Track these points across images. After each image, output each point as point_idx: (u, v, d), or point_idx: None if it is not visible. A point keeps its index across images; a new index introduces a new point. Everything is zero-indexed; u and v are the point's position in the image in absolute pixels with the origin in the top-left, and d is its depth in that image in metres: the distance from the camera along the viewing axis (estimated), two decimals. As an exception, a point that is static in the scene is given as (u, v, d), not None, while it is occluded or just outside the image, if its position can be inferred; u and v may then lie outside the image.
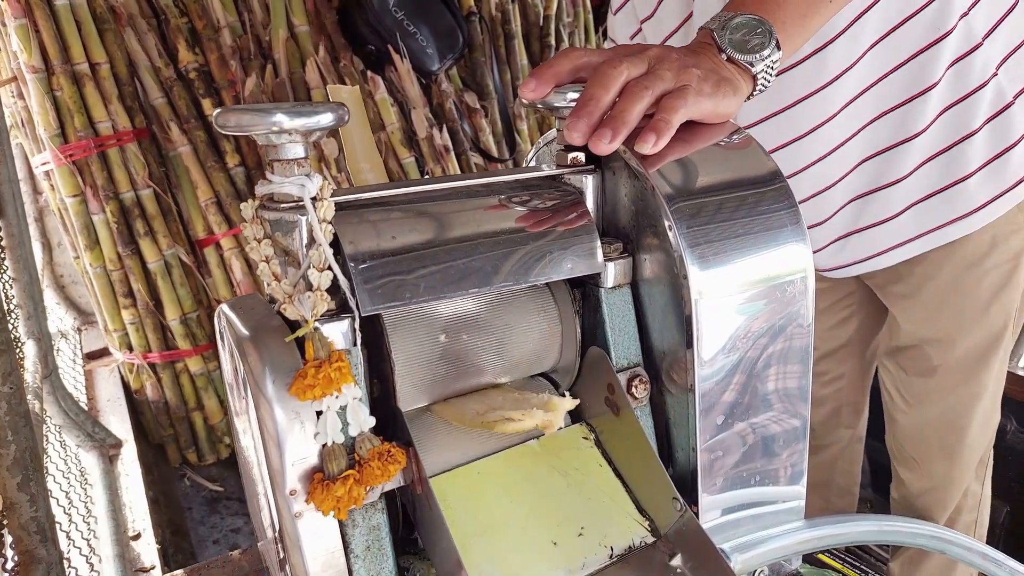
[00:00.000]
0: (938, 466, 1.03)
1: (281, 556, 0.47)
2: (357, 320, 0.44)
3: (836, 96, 0.85)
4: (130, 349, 1.80)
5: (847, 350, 1.12)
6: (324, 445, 0.43)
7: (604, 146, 0.50)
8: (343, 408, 0.43)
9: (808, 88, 0.85)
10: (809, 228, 0.95)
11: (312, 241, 0.44)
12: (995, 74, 0.84)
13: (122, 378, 1.87)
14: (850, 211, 0.92)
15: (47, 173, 1.71)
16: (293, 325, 0.44)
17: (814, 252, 0.97)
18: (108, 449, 1.56)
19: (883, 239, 0.93)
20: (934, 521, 1.06)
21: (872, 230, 0.92)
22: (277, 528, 0.46)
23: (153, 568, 1.23)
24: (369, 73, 1.84)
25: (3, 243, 1.37)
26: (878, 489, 1.63)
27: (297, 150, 0.44)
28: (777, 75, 0.85)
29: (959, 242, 0.91)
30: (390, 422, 0.48)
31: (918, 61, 0.83)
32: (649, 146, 0.50)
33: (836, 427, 1.18)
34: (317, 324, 0.43)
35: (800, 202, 0.92)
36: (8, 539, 0.76)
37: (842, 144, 0.88)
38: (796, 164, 0.90)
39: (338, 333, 0.44)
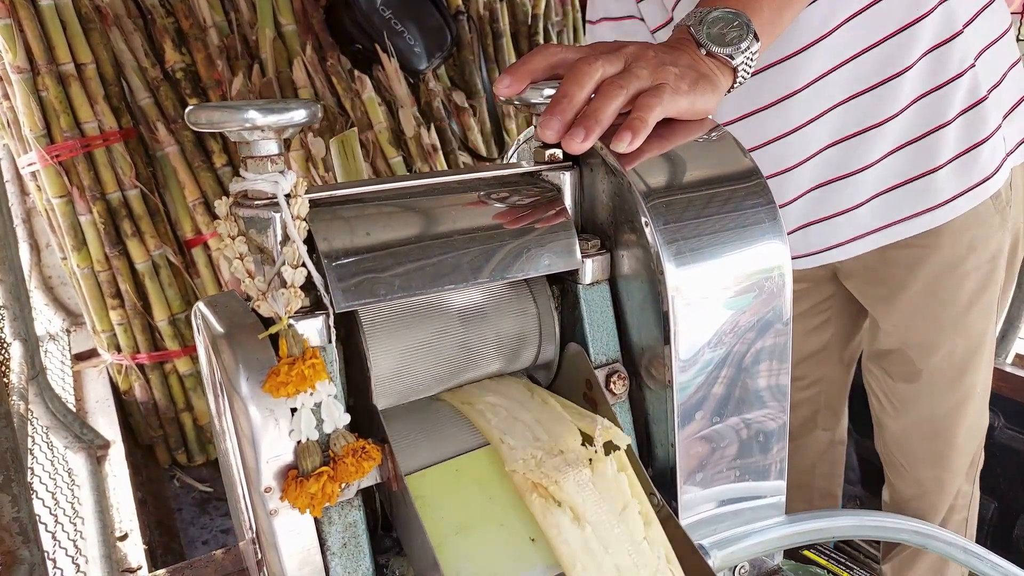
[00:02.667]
0: (927, 471, 1.03)
1: (259, 557, 0.47)
2: (331, 317, 0.44)
3: (804, 68, 0.83)
4: (118, 350, 1.80)
5: (825, 354, 1.12)
6: (298, 442, 0.43)
7: (577, 145, 0.51)
8: (317, 405, 0.43)
9: (776, 55, 0.83)
10: None
11: (286, 238, 0.44)
12: (972, 65, 0.84)
13: (111, 379, 1.86)
14: (813, 199, 0.91)
15: (33, 174, 1.70)
16: (267, 322, 0.44)
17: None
18: (96, 450, 1.55)
19: (845, 229, 0.92)
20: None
21: (835, 219, 0.92)
22: (254, 528, 0.46)
23: (140, 568, 1.22)
24: (356, 72, 1.83)
25: (-12, 244, 1.36)
26: (868, 487, 1.63)
27: (270, 147, 0.44)
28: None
29: (937, 245, 0.90)
30: (366, 419, 0.48)
31: (894, 42, 0.82)
32: (625, 145, 0.51)
33: (813, 429, 1.18)
34: (291, 321, 0.43)
35: None
36: (-11, 540, 0.75)
37: (807, 123, 0.87)
38: (755, 138, 0.89)
39: (312, 330, 0.44)
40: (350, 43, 1.84)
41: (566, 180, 0.55)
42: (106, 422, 1.71)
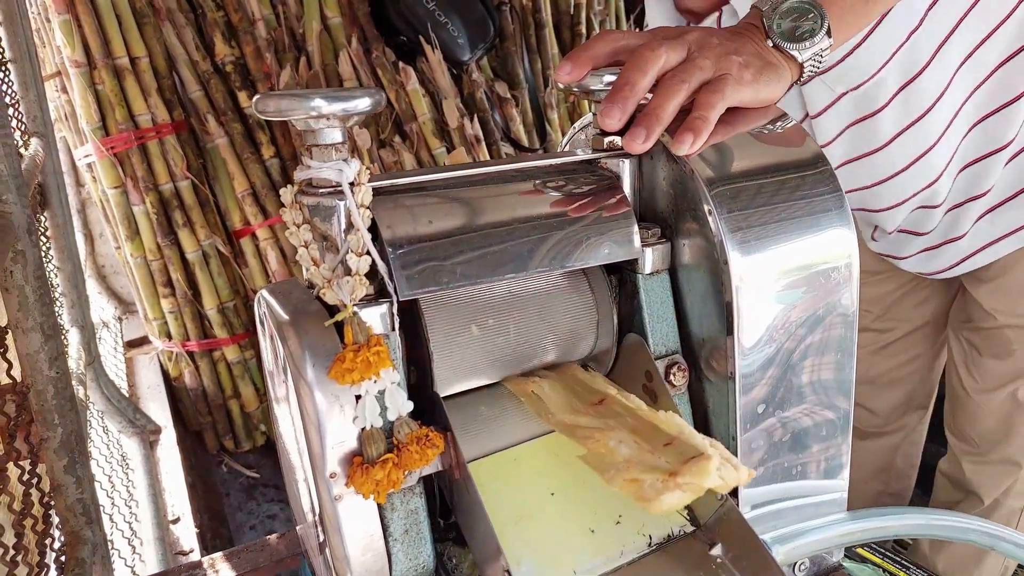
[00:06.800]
0: (1000, 447, 1.03)
1: (321, 539, 0.48)
2: (395, 305, 0.44)
3: (933, 126, 0.81)
4: (169, 337, 1.84)
5: (926, 330, 1.11)
6: (363, 429, 0.43)
7: (638, 146, 0.50)
8: (381, 392, 0.43)
9: (900, 124, 0.81)
10: (905, 233, 0.94)
11: (350, 226, 0.44)
12: None
13: (161, 366, 1.91)
14: (947, 221, 0.91)
15: (89, 165, 1.75)
16: (332, 310, 0.44)
17: (902, 258, 0.97)
18: (148, 435, 1.60)
19: (968, 245, 0.91)
20: (979, 498, 1.06)
21: (961, 240, 0.91)
22: (317, 511, 0.47)
23: (192, 551, 1.25)
24: (401, 64, 1.84)
25: (48, 233, 1.41)
26: (919, 484, 1.59)
27: (335, 135, 0.44)
28: (862, 119, 0.79)
29: None
30: (427, 407, 0.48)
31: (1005, 70, 0.79)
32: (686, 147, 0.50)
33: (908, 411, 1.17)
34: (356, 309, 0.43)
35: (901, 210, 0.89)
36: (55, 520, 0.78)
37: (946, 168, 0.85)
38: (898, 197, 0.87)
39: (376, 318, 0.44)
40: (395, 35, 1.85)
41: (625, 168, 0.54)
42: (157, 407, 1.75)
